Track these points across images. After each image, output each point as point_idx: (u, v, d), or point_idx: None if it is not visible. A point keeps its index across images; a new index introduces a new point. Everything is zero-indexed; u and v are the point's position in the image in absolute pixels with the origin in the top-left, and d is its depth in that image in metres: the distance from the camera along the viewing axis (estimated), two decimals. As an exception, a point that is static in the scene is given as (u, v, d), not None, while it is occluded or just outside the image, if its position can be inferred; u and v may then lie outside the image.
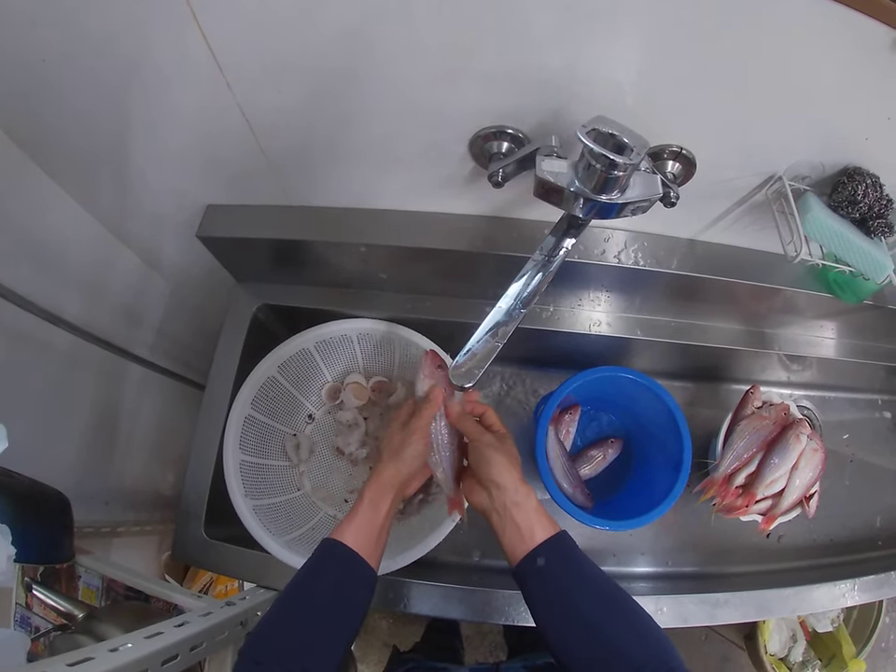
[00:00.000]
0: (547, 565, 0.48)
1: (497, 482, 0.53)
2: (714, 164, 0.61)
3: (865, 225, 0.62)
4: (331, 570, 0.51)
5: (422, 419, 0.60)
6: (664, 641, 0.45)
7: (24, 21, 0.48)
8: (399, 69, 0.52)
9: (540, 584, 0.49)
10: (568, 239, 0.57)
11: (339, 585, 0.50)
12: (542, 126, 0.57)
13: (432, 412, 0.60)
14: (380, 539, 0.54)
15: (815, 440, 0.83)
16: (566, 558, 0.50)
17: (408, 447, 0.58)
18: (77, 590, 0.77)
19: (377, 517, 0.54)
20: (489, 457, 0.55)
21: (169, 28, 0.49)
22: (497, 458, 0.55)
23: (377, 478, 0.56)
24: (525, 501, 0.52)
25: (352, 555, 0.50)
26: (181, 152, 0.66)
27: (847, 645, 1.24)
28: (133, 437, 0.97)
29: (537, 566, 0.48)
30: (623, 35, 0.47)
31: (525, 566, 0.49)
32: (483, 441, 0.57)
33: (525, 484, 0.53)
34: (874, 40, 0.45)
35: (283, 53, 0.51)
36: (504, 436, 0.60)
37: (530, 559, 0.49)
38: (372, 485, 0.56)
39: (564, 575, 0.48)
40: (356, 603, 0.50)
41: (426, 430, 0.60)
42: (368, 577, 0.51)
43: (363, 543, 0.51)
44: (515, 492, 0.52)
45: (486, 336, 0.54)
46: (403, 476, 0.57)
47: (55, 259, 0.73)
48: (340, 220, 0.74)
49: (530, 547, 0.49)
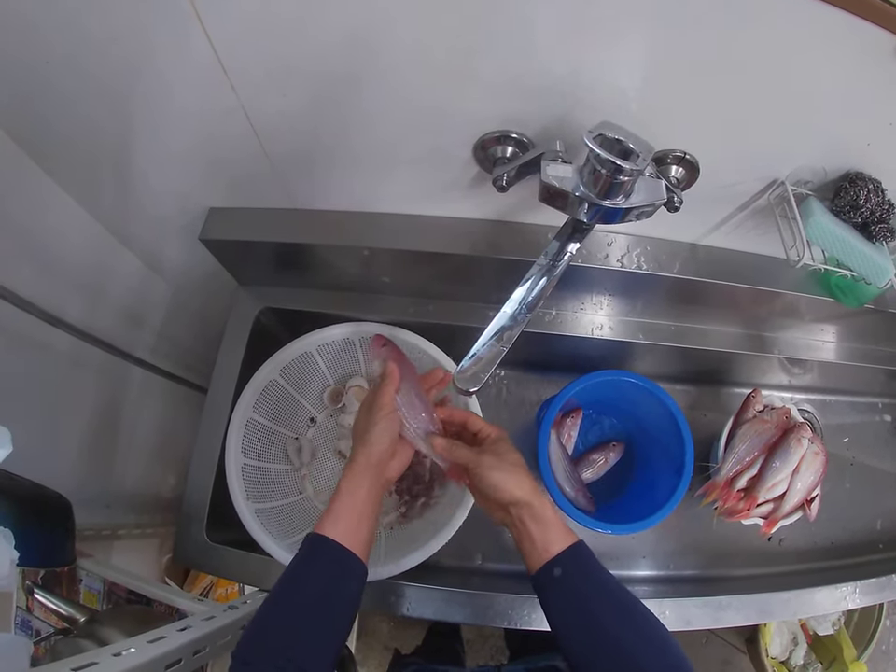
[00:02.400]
0: (563, 575, 0.49)
1: (511, 500, 0.53)
2: (717, 169, 0.61)
3: (867, 230, 0.62)
4: (315, 564, 0.50)
5: (383, 395, 0.58)
6: (675, 649, 0.45)
7: (27, 24, 0.48)
8: (402, 73, 0.52)
9: (557, 594, 0.49)
10: (573, 243, 0.58)
11: (323, 578, 0.49)
12: (547, 131, 0.57)
13: (391, 386, 0.59)
14: (361, 526, 0.53)
15: (816, 443, 0.83)
16: (582, 568, 0.50)
17: (374, 426, 0.57)
18: (79, 593, 0.77)
19: (355, 504, 0.53)
20: (495, 482, 0.54)
21: (173, 30, 0.49)
22: (502, 479, 0.54)
23: (349, 466, 0.56)
24: (540, 513, 0.52)
25: (334, 546, 0.50)
26: (184, 154, 0.66)
27: (847, 648, 1.25)
28: (134, 440, 0.97)
29: (553, 576, 0.49)
30: (627, 41, 0.47)
31: (541, 576, 0.50)
32: (482, 465, 0.55)
33: (538, 496, 0.53)
34: (876, 46, 0.46)
35: (288, 57, 0.51)
36: (498, 441, 0.59)
37: (547, 570, 0.49)
38: (346, 474, 0.55)
39: (580, 585, 0.49)
40: (344, 594, 0.50)
41: (389, 406, 0.58)
42: (352, 566, 0.51)
43: (343, 532, 0.51)
44: (530, 506, 0.52)
45: (491, 340, 0.54)
46: (375, 458, 0.56)
47: (57, 261, 0.73)
48: (343, 224, 0.74)
49: (546, 558, 0.50)
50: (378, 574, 0.68)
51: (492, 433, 0.60)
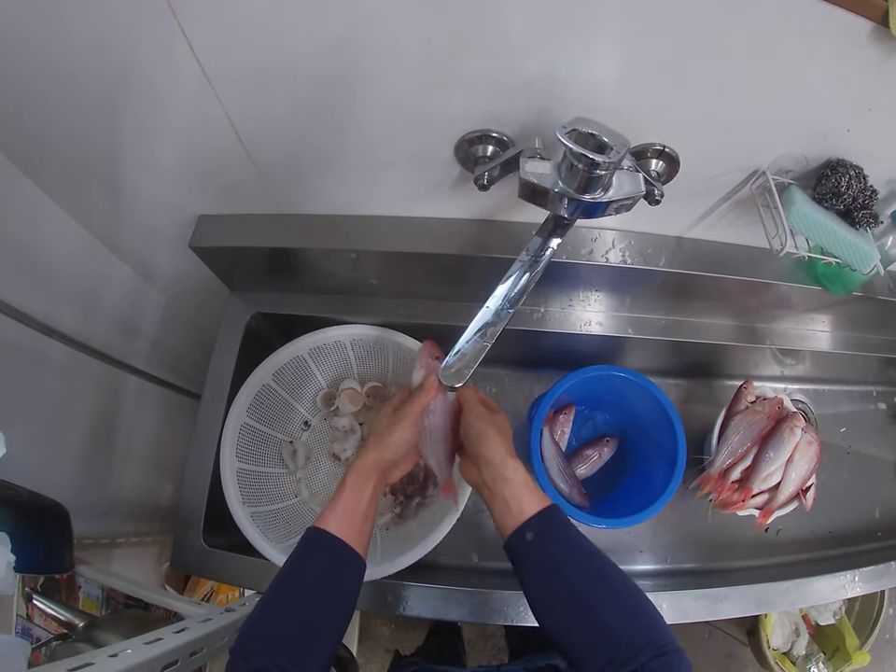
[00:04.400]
0: (536, 539, 0.48)
1: (486, 455, 0.53)
2: (698, 161, 0.62)
3: (850, 216, 0.63)
4: (316, 559, 0.50)
5: (414, 405, 0.59)
6: (654, 618, 0.44)
7: (14, 35, 0.49)
8: (383, 77, 0.52)
9: (529, 558, 0.48)
10: (555, 239, 0.58)
11: (324, 573, 0.49)
12: (526, 129, 0.58)
13: (425, 400, 0.59)
14: (364, 525, 0.53)
15: (809, 432, 0.83)
16: (555, 531, 0.49)
17: (395, 432, 0.57)
18: (78, 600, 0.78)
19: (360, 503, 0.53)
20: (478, 430, 0.54)
21: (157, 40, 0.49)
22: (485, 431, 0.54)
23: (360, 462, 0.55)
24: (513, 475, 0.51)
25: (336, 543, 0.50)
26: (172, 164, 0.67)
27: (850, 637, 1.24)
28: (130, 448, 0.98)
29: (525, 540, 0.48)
30: (602, 36, 0.48)
31: (514, 540, 0.49)
32: (474, 412, 0.56)
33: (513, 458, 0.53)
34: (852, 32, 0.46)
35: (270, 65, 0.52)
36: (497, 410, 0.59)
37: (519, 533, 0.48)
38: (355, 469, 0.55)
39: (553, 548, 0.48)
40: (342, 590, 0.49)
41: (415, 418, 0.59)
42: (353, 563, 0.50)
43: (346, 529, 0.50)
44: (503, 466, 0.51)
45: (475, 337, 0.54)
46: (387, 461, 0.56)
47: (50, 272, 0.74)
48: (330, 228, 0.75)
49: (519, 521, 0.48)
50: (375, 574, 0.69)
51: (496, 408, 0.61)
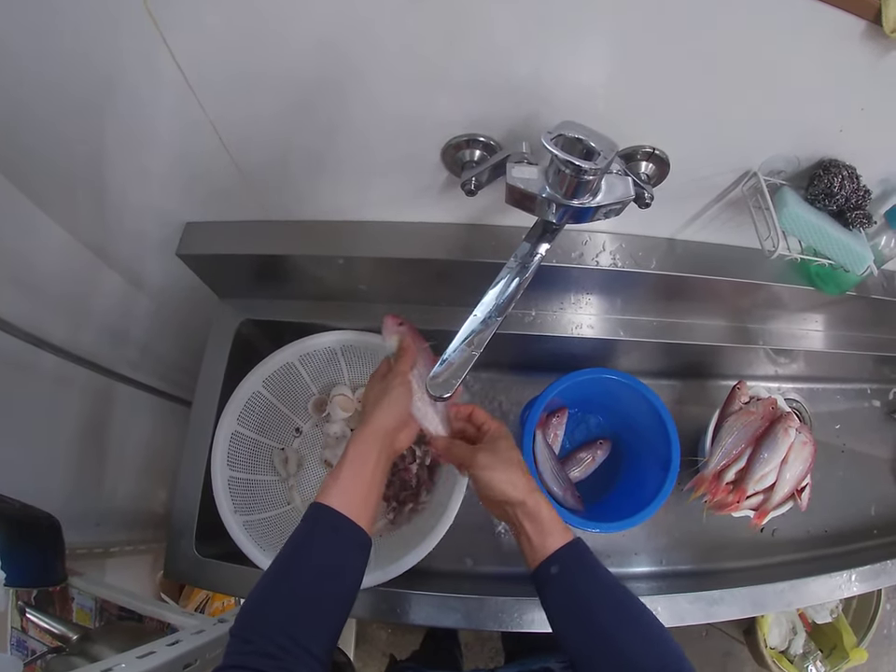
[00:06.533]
0: (560, 573, 0.49)
1: (506, 500, 0.53)
2: (688, 163, 0.61)
3: (843, 217, 0.62)
4: (317, 536, 0.48)
5: (401, 364, 0.57)
6: (673, 647, 0.45)
7: (1, 49, 0.49)
8: (369, 81, 0.52)
9: (554, 592, 0.50)
10: (543, 244, 0.57)
11: (325, 551, 0.47)
12: (513, 133, 0.57)
13: (410, 357, 0.58)
14: (369, 497, 0.51)
15: (804, 432, 0.83)
16: (579, 566, 0.50)
17: (390, 391, 0.55)
18: (72, 612, 0.77)
19: (364, 472, 0.51)
20: (489, 481, 0.53)
21: (138, 48, 0.49)
22: (495, 478, 0.53)
23: (360, 430, 0.53)
24: (535, 512, 0.52)
25: (338, 518, 0.48)
26: (159, 171, 0.66)
27: (847, 635, 1.24)
28: (122, 457, 0.97)
29: (551, 573, 0.49)
30: (589, 39, 0.47)
31: (540, 574, 0.50)
32: (477, 465, 0.54)
33: (534, 494, 0.52)
34: (844, 31, 0.45)
35: (253, 71, 0.51)
36: (497, 438, 0.58)
37: (544, 568, 0.50)
38: (356, 438, 0.53)
39: (577, 582, 0.49)
40: (345, 568, 0.48)
41: (406, 375, 0.57)
42: (357, 539, 0.49)
43: (349, 503, 0.49)
44: (524, 505, 0.52)
45: (462, 345, 0.53)
46: (389, 424, 0.54)
47: (38, 282, 0.73)
48: (318, 233, 0.74)
49: (543, 556, 0.50)
50: (368, 582, 0.68)
51: (492, 427, 0.60)
